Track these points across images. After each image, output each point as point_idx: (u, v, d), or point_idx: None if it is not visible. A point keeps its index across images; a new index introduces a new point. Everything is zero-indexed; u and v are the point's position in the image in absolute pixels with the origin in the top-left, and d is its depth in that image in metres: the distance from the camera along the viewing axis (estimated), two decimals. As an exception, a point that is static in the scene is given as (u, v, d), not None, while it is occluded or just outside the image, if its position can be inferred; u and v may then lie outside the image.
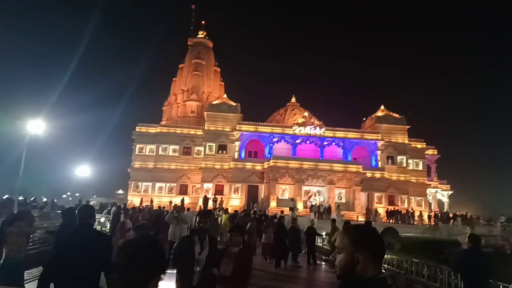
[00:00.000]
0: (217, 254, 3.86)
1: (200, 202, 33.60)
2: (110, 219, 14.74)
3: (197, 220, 3.98)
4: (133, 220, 11.94)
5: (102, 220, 15.86)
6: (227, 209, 22.68)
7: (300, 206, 32.95)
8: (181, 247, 3.88)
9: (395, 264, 9.40)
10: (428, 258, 11.98)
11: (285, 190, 35.75)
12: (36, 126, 16.61)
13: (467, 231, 15.94)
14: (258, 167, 37.62)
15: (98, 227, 14.19)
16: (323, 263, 12.73)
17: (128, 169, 42.09)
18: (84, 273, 3.27)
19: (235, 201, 36.51)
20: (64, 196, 67.41)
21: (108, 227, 14.68)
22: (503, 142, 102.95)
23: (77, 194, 66.05)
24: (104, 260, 3.48)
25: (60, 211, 17.58)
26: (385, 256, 10.10)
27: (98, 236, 3.80)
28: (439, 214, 34.54)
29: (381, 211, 35.13)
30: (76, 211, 3.93)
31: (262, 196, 36.46)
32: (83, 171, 46.64)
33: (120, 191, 64.39)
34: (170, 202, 24.25)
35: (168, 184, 40.88)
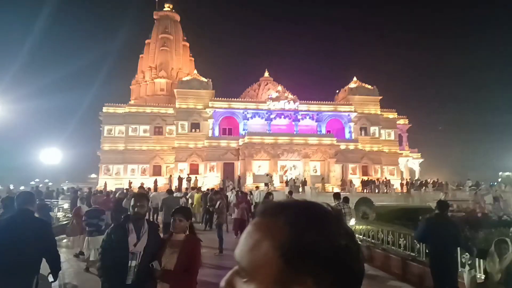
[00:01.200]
0: (158, 244, 3.19)
1: (176, 183, 32.88)
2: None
3: (132, 204, 3.29)
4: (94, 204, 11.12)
5: (66, 206, 14.94)
6: (199, 188, 22.12)
7: (276, 181, 32.87)
8: (110, 238, 3.19)
9: (371, 235, 9.22)
10: (403, 226, 11.98)
11: (261, 166, 35.48)
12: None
13: (440, 197, 16.17)
14: (233, 144, 37.02)
15: (61, 214, 13.36)
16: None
17: (98, 152, 40.50)
18: (22, 259, 3.25)
19: (211, 179, 35.99)
20: (33, 182, 64.72)
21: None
22: (471, 107, 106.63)
23: (47, 180, 63.60)
24: (44, 246, 3.52)
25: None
26: (361, 226, 9.93)
27: (36, 222, 3.69)
28: (411, 182, 35.49)
29: (357, 182, 35.68)
30: (15, 198, 3.87)
31: (239, 173, 36.11)
32: (53, 156, 44.56)
33: (93, 175, 62.43)
34: (142, 184, 23.38)
35: (140, 166, 39.72)
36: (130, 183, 32.44)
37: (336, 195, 8.32)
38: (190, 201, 16.60)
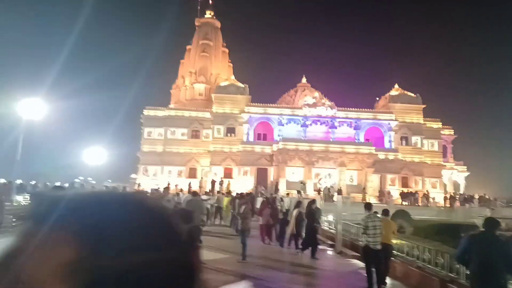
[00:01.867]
0: None
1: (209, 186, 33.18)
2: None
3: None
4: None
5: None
6: (230, 192, 22.10)
7: (309, 188, 32.19)
8: None
9: (406, 251, 8.58)
10: (443, 242, 11.11)
11: (294, 173, 34.96)
12: (32, 107, 16.12)
13: (486, 214, 14.92)
14: (267, 149, 36.84)
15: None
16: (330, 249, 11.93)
17: (138, 153, 41.95)
18: None
19: (244, 184, 35.97)
20: (77, 180, 68.30)
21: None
22: None
23: (90, 178, 66.83)
24: None
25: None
26: (395, 241, 9.28)
27: None
28: (456, 196, 33.29)
29: (395, 193, 34.08)
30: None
31: (271, 179, 35.82)
32: (97, 155, 46.73)
33: (134, 175, 64.80)
34: (176, 186, 23.80)
35: (177, 168, 40.61)
36: (168, 184, 33.10)
37: (367, 206, 7.67)
38: (216, 204, 16.59)
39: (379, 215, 7.47)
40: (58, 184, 33.01)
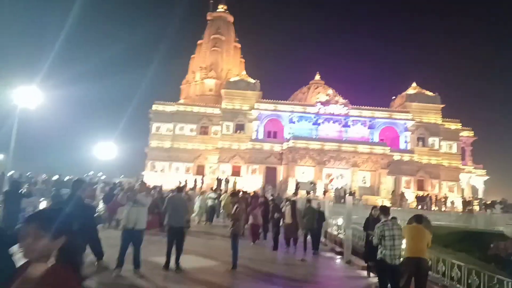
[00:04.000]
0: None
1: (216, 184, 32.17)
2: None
3: None
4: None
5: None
6: (236, 191, 20.98)
7: (320, 189, 30.87)
8: None
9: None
10: (468, 253, 9.78)
11: (304, 172, 33.70)
12: (28, 96, 15.37)
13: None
14: (277, 148, 35.66)
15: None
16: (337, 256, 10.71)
17: (146, 149, 41.33)
18: (73, 243, 3.23)
19: (252, 182, 34.91)
20: (86, 175, 68.35)
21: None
22: None
23: (100, 173, 66.73)
24: (89, 231, 4.13)
25: (54, 188, 16.98)
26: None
27: (85, 209, 4.14)
28: (477, 201, 31.43)
29: (410, 196, 32.45)
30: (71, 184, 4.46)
31: (281, 178, 34.64)
32: (108, 150, 46.31)
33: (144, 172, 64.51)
34: (179, 182, 22.86)
35: (185, 164, 39.83)
36: (180, 183, 32.06)
37: (384, 210, 6.22)
38: (222, 203, 15.63)
39: (399, 222, 6.22)
40: (67, 178, 32.61)
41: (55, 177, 26.33)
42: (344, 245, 9.84)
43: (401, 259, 5.59)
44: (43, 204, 11.51)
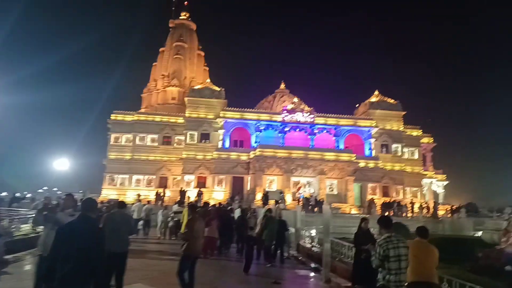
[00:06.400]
0: None
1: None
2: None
3: None
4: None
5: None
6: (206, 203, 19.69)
7: (288, 198, 30.19)
8: None
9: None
10: (452, 262, 9.21)
11: (272, 182, 32.93)
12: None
13: (499, 226, 13.23)
14: (244, 157, 34.69)
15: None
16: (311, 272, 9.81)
17: (104, 161, 38.81)
18: (85, 265, 3.34)
19: (218, 194, 33.62)
20: (41, 190, 63.64)
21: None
22: (501, 129, 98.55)
23: (55, 189, 62.32)
24: (97, 253, 3.54)
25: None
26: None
27: (96, 229, 3.81)
28: (437, 206, 32.06)
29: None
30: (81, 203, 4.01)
31: (248, 188, 33.64)
32: (63, 163, 43.13)
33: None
34: (138, 195, 21.20)
35: (146, 177, 37.77)
36: (138, 195, 30.05)
37: (385, 222, 4.83)
38: (176, 218, 14.36)
39: (402, 238, 4.66)
40: (18, 194, 29.62)
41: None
42: (322, 261, 8.89)
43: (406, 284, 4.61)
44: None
